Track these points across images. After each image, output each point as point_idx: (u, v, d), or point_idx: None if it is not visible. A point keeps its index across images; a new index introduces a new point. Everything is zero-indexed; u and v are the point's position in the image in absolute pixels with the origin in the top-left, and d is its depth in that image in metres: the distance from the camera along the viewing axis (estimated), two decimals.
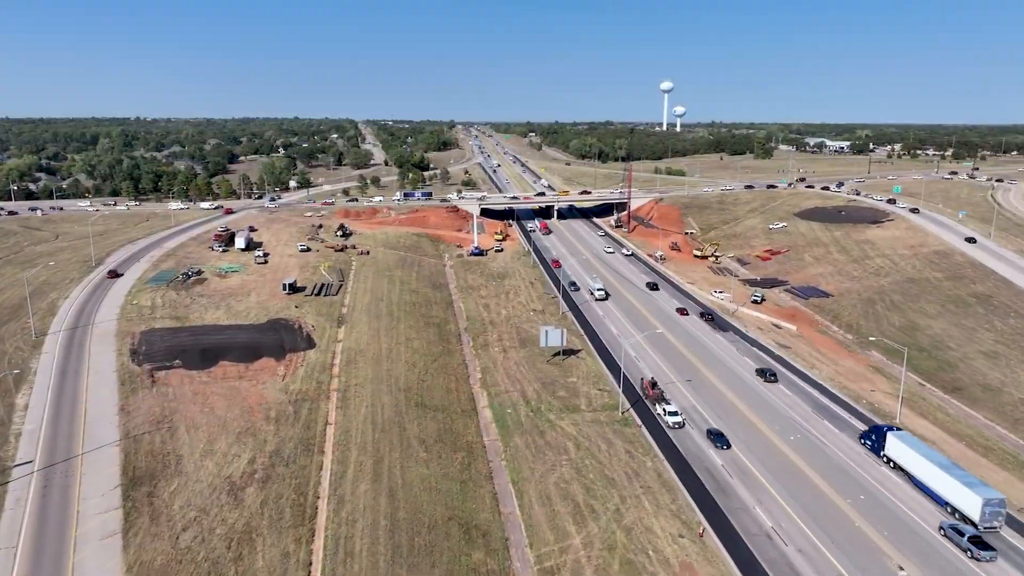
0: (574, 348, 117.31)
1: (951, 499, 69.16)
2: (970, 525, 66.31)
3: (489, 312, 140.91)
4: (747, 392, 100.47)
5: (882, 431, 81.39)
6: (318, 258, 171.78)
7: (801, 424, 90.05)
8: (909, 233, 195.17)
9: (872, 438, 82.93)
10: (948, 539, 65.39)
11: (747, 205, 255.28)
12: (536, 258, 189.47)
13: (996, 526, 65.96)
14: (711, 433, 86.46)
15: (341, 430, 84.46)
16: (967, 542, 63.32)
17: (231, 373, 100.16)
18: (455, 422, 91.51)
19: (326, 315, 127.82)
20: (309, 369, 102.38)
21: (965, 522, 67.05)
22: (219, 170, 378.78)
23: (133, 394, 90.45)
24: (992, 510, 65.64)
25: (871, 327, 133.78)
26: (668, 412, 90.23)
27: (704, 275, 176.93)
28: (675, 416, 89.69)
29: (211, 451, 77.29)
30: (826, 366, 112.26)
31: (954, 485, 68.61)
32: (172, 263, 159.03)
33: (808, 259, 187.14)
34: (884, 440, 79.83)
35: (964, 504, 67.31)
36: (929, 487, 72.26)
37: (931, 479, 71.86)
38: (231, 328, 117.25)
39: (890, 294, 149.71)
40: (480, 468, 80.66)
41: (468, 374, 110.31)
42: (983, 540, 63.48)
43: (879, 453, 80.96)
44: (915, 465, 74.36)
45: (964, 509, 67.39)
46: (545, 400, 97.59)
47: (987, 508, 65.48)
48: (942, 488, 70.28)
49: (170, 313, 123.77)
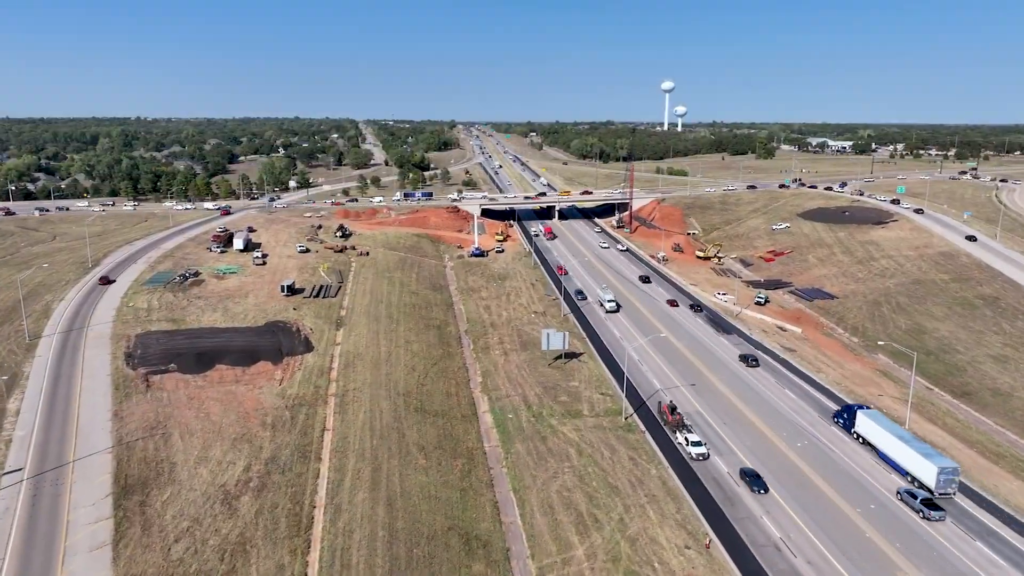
0: (576, 351, 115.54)
1: (911, 469, 74.27)
2: (928, 491, 71.23)
3: (490, 314, 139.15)
4: (753, 397, 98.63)
5: (852, 410, 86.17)
6: (317, 259, 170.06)
7: (808, 430, 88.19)
8: (914, 234, 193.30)
9: (844, 416, 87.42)
10: (904, 503, 70.49)
11: (750, 205, 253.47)
12: (537, 259, 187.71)
13: (950, 492, 71.47)
14: (746, 475, 75.22)
15: (339, 436, 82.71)
16: (919, 504, 68.78)
17: (227, 377, 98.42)
18: (455, 428, 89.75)
19: (325, 317, 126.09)
20: (307, 373, 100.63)
21: (924, 489, 71.76)
22: (219, 170, 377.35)
23: (127, 399, 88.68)
24: (946, 477, 71.13)
25: (877, 330, 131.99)
26: (691, 442, 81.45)
27: (707, 276, 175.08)
28: (699, 447, 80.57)
29: (205, 458, 75.53)
30: (832, 370, 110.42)
31: (913, 456, 73.98)
32: (170, 264, 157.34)
33: (812, 260, 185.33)
34: (854, 418, 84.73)
35: (922, 473, 72.56)
36: (892, 459, 77.43)
37: (894, 451, 77.16)
38: (228, 331, 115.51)
39: (896, 296, 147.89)
40: (481, 475, 78.89)
41: (468, 378, 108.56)
42: (933, 503, 68.98)
43: (850, 430, 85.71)
44: (880, 440, 79.76)
45: (922, 477, 72.54)
46: (547, 405, 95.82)
47: (942, 476, 70.89)
48: (903, 459, 75.67)
49: (166, 315, 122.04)
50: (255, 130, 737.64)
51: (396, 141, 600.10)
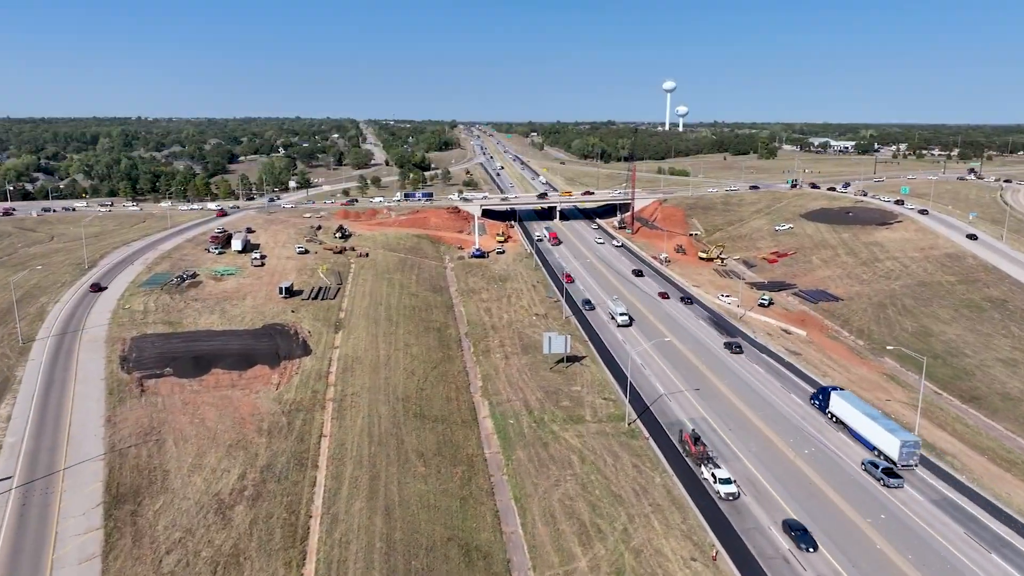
0: (578, 355, 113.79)
1: (877, 443, 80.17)
2: (892, 464, 77.27)
3: (491, 316, 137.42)
4: (758, 402, 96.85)
5: (827, 391, 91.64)
6: (316, 260, 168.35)
7: (817, 437, 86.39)
8: (919, 235, 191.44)
9: (819, 398, 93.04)
10: (867, 472, 77.00)
11: (752, 206, 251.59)
12: (539, 260, 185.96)
13: (912, 464, 77.55)
14: (791, 528, 65.67)
15: (336, 443, 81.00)
16: (880, 473, 75.21)
17: (224, 381, 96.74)
18: (455, 433, 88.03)
19: (323, 320, 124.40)
20: (304, 377, 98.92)
21: (888, 462, 77.73)
22: (218, 170, 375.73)
23: (121, 404, 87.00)
24: (908, 450, 77.02)
25: (883, 333, 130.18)
26: (719, 479, 72.47)
27: (710, 278, 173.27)
28: (727, 485, 71.63)
29: (199, 466, 73.83)
30: (839, 374, 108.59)
31: (880, 432, 79.59)
32: (167, 266, 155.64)
33: (816, 261, 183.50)
34: (828, 399, 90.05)
35: (887, 446, 78.38)
36: (862, 435, 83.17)
37: (863, 428, 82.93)
38: (225, 334, 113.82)
39: (901, 298, 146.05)
40: (481, 483, 77.18)
41: (469, 382, 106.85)
42: (892, 471, 75.25)
43: (824, 411, 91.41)
44: (851, 418, 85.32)
45: (887, 450, 78.42)
46: (548, 410, 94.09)
47: (904, 449, 76.75)
48: (871, 435, 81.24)
49: (163, 318, 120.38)
50: (255, 130, 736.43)
51: (397, 141, 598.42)
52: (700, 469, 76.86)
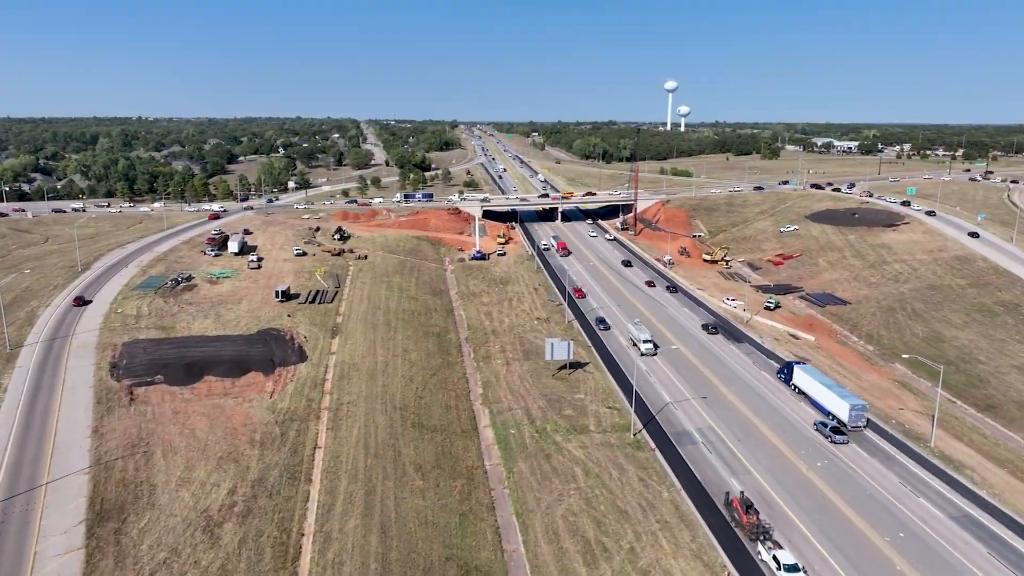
0: (581, 361, 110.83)
1: (831, 408, 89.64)
2: (843, 425, 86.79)
3: (491, 320, 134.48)
4: (767, 410, 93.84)
5: (791, 365, 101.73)
6: (314, 263, 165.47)
7: (828, 449, 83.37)
8: (927, 237, 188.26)
9: (785, 372, 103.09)
10: (818, 432, 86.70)
11: (756, 207, 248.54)
12: (540, 262, 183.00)
13: (860, 425, 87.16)
14: None
15: (331, 455, 78.10)
16: (828, 431, 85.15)
17: (216, 389, 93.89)
18: (454, 444, 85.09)
19: (320, 325, 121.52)
20: (299, 385, 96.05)
21: (840, 424, 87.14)
22: (217, 170, 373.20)
23: (109, 413, 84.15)
24: (856, 413, 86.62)
25: (893, 338, 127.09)
26: (785, 567, 58.46)
27: (715, 281, 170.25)
28: (796, 573, 58.17)
29: (188, 480, 70.94)
30: (849, 381, 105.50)
31: (833, 398, 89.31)
32: (162, 268, 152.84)
33: (822, 264, 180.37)
34: (791, 373, 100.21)
35: (838, 410, 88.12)
36: (819, 402, 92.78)
37: (819, 396, 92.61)
38: (219, 339, 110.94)
39: (911, 302, 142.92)
40: (481, 497, 74.23)
41: (469, 389, 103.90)
42: (839, 430, 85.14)
43: (788, 383, 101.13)
44: (810, 388, 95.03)
45: (838, 414, 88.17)
46: (551, 419, 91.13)
47: (853, 411, 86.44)
48: (826, 401, 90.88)
49: (155, 323, 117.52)
50: (256, 130, 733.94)
51: (397, 141, 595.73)
52: (756, 544, 62.77)
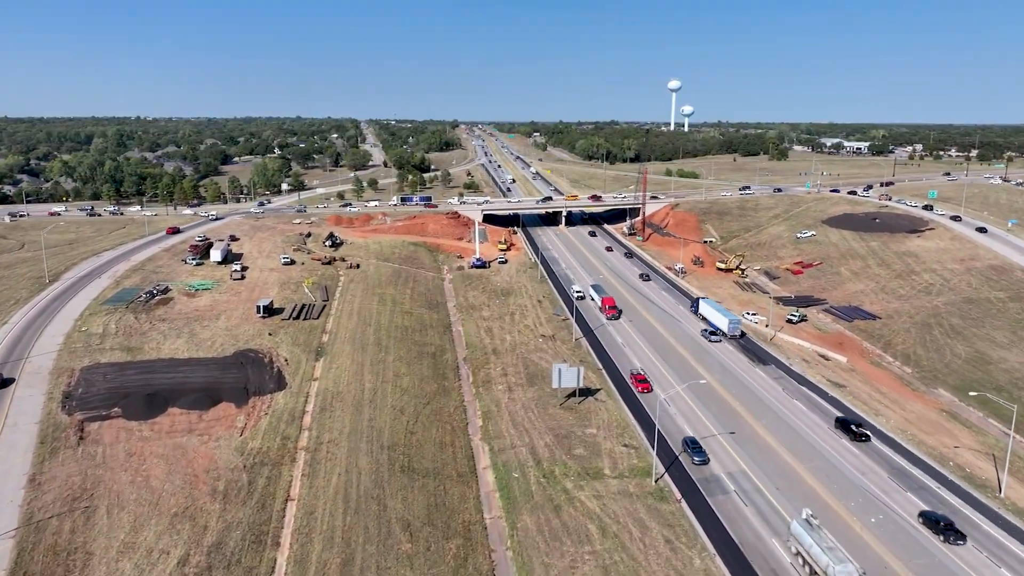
0: (591, 388, 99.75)
1: (716, 323, 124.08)
2: (722, 333, 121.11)
3: (492, 338, 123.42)
4: (806, 450, 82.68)
5: (698, 300, 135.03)
6: (302, 272, 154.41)
7: (882, 500, 72.17)
8: (955, 244, 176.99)
9: (695, 306, 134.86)
10: (704, 337, 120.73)
11: (769, 211, 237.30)
12: (544, 271, 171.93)
13: (736, 333, 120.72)
14: None
15: (304, 510, 67.07)
16: (708, 335, 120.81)
17: (180, 424, 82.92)
18: (449, 492, 74.04)
19: (303, 345, 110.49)
20: (275, 419, 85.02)
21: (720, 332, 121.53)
22: (210, 171, 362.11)
23: (52, 457, 73.22)
24: (732, 325, 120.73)
25: (932, 359, 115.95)
26: None
27: (731, 292, 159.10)
28: None
29: (133, 545, 59.95)
30: (892, 412, 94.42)
31: (718, 316, 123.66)
32: (137, 279, 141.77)
33: (845, 273, 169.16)
34: (699, 305, 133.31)
35: (720, 324, 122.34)
36: (710, 320, 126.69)
37: (711, 316, 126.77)
38: (189, 363, 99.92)
39: (947, 317, 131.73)
40: (480, 563, 63.18)
41: (467, 421, 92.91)
42: (715, 334, 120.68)
43: (696, 312, 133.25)
44: (707, 312, 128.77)
45: (720, 326, 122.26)
46: (560, 460, 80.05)
47: (730, 324, 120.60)
48: (714, 319, 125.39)
49: (122, 343, 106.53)
50: (254, 130, 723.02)
51: (396, 141, 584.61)
52: None
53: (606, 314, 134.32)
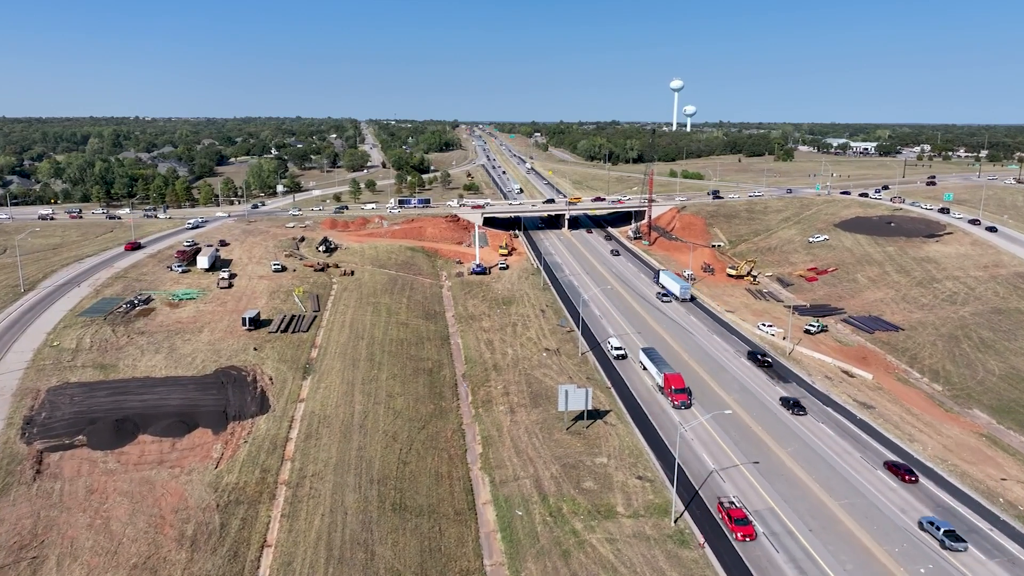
0: (600, 409, 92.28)
1: (671, 289, 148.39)
2: (675, 296, 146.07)
3: (493, 352, 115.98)
4: (843, 488, 75.20)
5: (659, 272, 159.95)
6: (293, 280, 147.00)
7: (930, 546, 64.60)
8: (977, 250, 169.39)
9: (656, 277, 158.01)
10: (660, 299, 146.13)
11: (779, 214, 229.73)
12: (547, 278, 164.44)
13: (687, 297, 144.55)
14: None
15: (282, 560, 59.63)
16: (662, 296, 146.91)
17: (150, 454, 75.56)
18: (445, 534, 66.60)
19: (290, 361, 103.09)
20: (255, 448, 77.60)
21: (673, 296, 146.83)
22: (205, 173, 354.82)
23: (4, 495, 65.86)
24: (683, 290, 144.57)
25: (964, 375, 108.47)
26: None
27: (744, 300, 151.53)
28: None
29: None
30: (927, 437, 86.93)
31: (673, 283, 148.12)
32: (119, 288, 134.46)
33: (862, 280, 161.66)
34: (659, 276, 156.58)
35: (674, 289, 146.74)
36: (666, 287, 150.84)
37: (666, 284, 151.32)
38: (166, 383, 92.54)
39: (975, 329, 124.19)
40: None
41: (465, 447, 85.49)
42: (666, 296, 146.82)
43: (657, 282, 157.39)
44: (665, 281, 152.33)
45: (673, 291, 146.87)
46: (567, 495, 72.58)
47: (681, 290, 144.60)
48: (669, 286, 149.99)
49: (95, 359, 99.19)
50: (253, 130, 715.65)
51: (396, 141, 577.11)
52: None
53: (672, 399, 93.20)
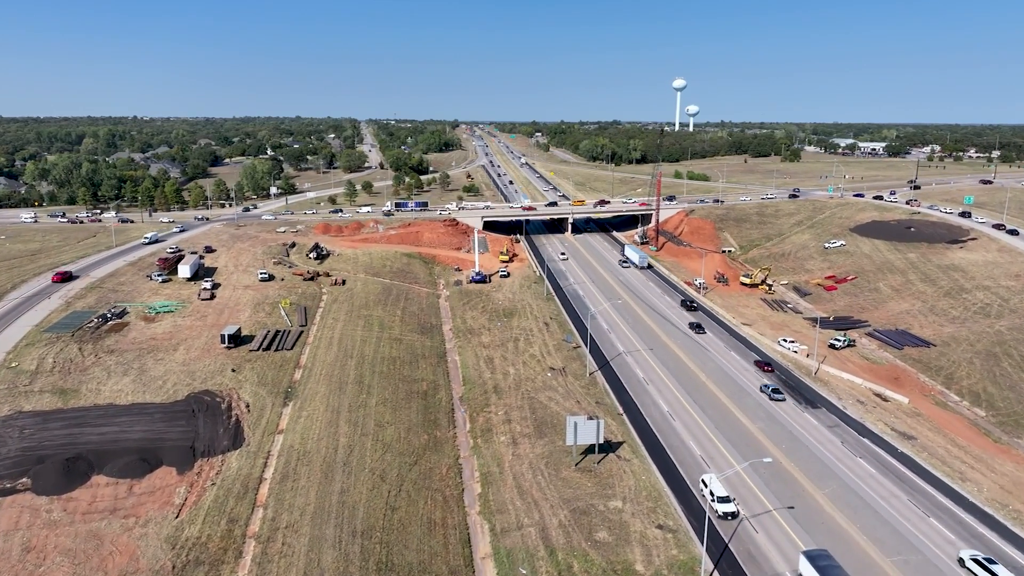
0: (612, 441, 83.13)
1: (632, 259, 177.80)
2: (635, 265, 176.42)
3: (493, 371, 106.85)
4: (891, 538, 66.03)
5: (624, 248, 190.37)
6: (280, 291, 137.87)
7: None
8: (1006, 257, 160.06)
9: (625, 257, 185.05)
10: (621, 265, 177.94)
11: (791, 217, 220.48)
12: (550, 286, 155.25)
13: (646, 265, 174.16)
14: None
15: None
16: (622, 263, 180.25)
17: (103, 500, 66.42)
18: None
19: (271, 384, 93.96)
20: (223, 492, 68.45)
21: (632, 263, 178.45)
22: (198, 174, 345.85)
23: None
24: (641, 259, 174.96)
25: (1009, 399, 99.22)
26: None
27: (760, 312, 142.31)
28: None
29: None
30: (981, 475, 77.72)
31: (634, 255, 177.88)
32: (92, 299, 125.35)
33: (885, 290, 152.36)
34: (624, 251, 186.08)
35: (635, 259, 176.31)
36: (629, 257, 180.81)
37: (629, 255, 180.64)
38: (130, 411, 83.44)
39: (1015, 345, 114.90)
40: None
41: (462, 486, 76.34)
42: (626, 263, 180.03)
43: (623, 256, 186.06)
44: (629, 254, 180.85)
45: (634, 260, 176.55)
46: (578, 549, 63.38)
47: (640, 260, 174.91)
48: (632, 256, 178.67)
49: (56, 383, 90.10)
50: (250, 130, 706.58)
51: (394, 141, 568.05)
52: None
53: None
